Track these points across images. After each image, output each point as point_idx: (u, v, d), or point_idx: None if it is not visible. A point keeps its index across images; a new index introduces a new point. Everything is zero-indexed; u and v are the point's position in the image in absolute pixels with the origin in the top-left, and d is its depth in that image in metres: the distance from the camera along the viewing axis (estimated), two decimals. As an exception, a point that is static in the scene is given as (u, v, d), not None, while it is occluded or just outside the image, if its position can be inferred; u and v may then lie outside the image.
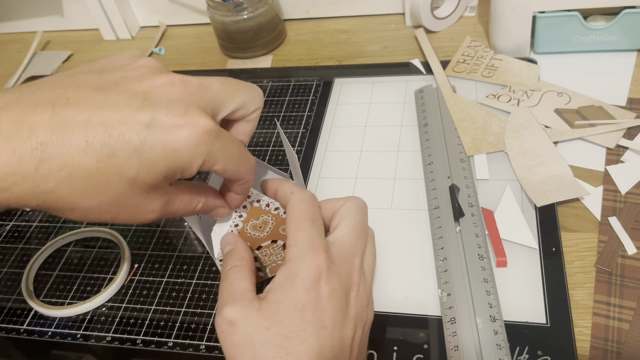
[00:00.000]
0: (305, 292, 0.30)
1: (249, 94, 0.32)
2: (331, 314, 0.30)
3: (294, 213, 0.33)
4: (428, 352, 0.37)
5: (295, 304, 0.29)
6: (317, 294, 0.30)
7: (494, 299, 0.38)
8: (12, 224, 0.52)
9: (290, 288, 0.30)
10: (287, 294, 0.30)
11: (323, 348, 0.29)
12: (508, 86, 0.55)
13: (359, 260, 0.34)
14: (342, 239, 0.34)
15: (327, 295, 0.30)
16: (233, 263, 0.34)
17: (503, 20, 0.55)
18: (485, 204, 0.45)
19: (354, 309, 0.32)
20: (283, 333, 0.29)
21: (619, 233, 0.41)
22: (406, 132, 0.53)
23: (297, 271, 0.30)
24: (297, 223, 0.33)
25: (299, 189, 0.35)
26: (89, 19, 0.76)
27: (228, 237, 0.36)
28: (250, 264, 0.34)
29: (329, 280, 0.30)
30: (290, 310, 0.29)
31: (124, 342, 0.41)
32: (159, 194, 0.29)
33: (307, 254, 0.31)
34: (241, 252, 0.35)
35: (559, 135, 0.48)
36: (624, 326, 0.36)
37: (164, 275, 0.45)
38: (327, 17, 0.72)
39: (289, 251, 0.32)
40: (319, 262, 0.31)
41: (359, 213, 0.36)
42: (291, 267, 0.31)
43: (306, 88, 0.60)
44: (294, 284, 0.30)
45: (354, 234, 0.34)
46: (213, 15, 0.65)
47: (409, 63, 0.61)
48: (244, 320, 0.29)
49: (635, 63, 0.54)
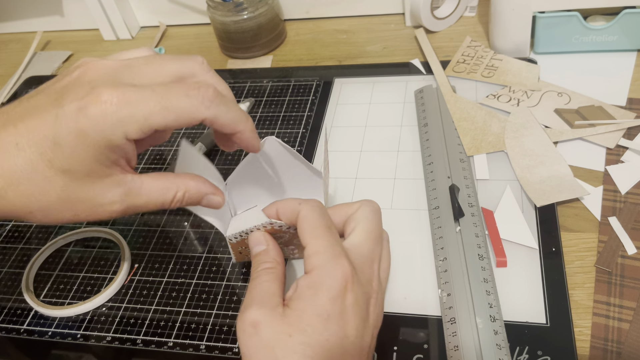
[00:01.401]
0: (330, 302, 0.29)
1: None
2: (354, 323, 0.30)
3: (308, 222, 0.32)
4: (428, 352, 0.37)
5: (320, 312, 0.29)
6: (342, 302, 0.29)
7: (493, 299, 0.38)
8: (12, 224, 0.52)
9: (314, 297, 0.29)
10: (311, 302, 0.29)
11: (344, 357, 0.29)
12: (508, 86, 0.55)
13: (377, 266, 0.33)
14: (360, 245, 0.33)
15: (352, 305, 0.30)
16: (265, 265, 0.33)
17: (503, 20, 0.55)
18: (485, 204, 0.45)
19: (372, 317, 0.31)
20: (306, 341, 0.28)
21: (619, 233, 0.41)
22: (406, 132, 0.53)
23: (322, 280, 0.30)
24: (314, 231, 0.32)
25: (304, 201, 0.34)
26: (89, 19, 0.76)
27: (259, 236, 0.35)
28: (282, 268, 0.33)
29: (354, 288, 0.30)
30: (314, 320, 0.29)
31: (124, 342, 0.41)
32: (110, 183, 0.28)
33: (330, 262, 0.30)
34: (274, 255, 0.34)
35: (559, 135, 0.48)
36: (624, 326, 0.36)
37: (164, 275, 0.45)
38: (327, 17, 0.72)
39: (310, 260, 0.31)
40: (344, 270, 0.30)
41: (375, 217, 0.35)
42: (314, 276, 0.30)
43: (306, 88, 0.60)
44: (319, 293, 0.29)
45: (371, 239, 0.34)
46: (213, 15, 0.65)
47: (409, 63, 0.61)
48: (268, 324, 0.29)
49: (635, 63, 0.54)
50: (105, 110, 0.26)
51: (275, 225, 0.34)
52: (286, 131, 0.56)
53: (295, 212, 0.33)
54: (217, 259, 0.45)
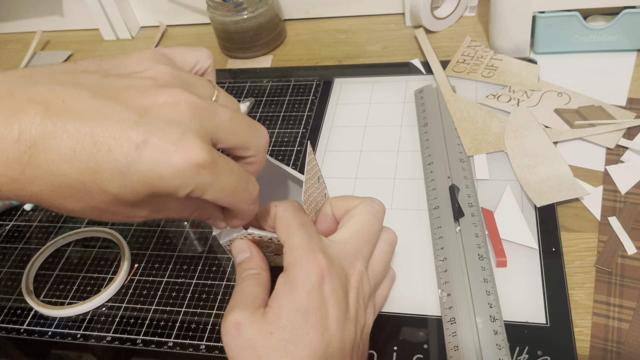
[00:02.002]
0: (306, 296, 0.29)
1: (253, 137, 0.30)
2: (334, 315, 0.30)
3: (282, 222, 0.33)
4: (428, 352, 0.37)
5: (297, 307, 0.29)
6: (319, 295, 0.30)
7: (493, 299, 0.38)
8: (12, 223, 0.52)
9: (291, 292, 0.30)
10: (288, 298, 0.30)
11: (326, 350, 0.29)
12: (508, 86, 0.55)
13: (361, 264, 0.33)
14: (343, 242, 0.33)
15: (329, 296, 0.30)
16: (250, 271, 0.33)
17: (503, 20, 0.55)
18: (485, 204, 0.45)
19: (353, 311, 0.32)
20: (287, 337, 0.29)
21: (619, 233, 0.41)
22: (406, 132, 0.53)
23: (297, 275, 0.30)
24: (288, 230, 0.32)
25: (280, 202, 0.34)
26: (89, 19, 0.76)
27: (241, 244, 0.35)
28: (267, 275, 0.34)
29: (331, 281, 0.30)
30: (292, 315, 0.29)
31: (124, 342, 0.41)
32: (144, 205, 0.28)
33: (305, 258, 0.30)
34: (257, 261, 0.34)
35: (559, 135, 0.48)
36: (623, 326, 0.36)
37: (164, 275, 0.45)
38: (327, 17, 0.72)
39: (286, 258, 0.31)
40: (318, 263, 0.30)
41: (369, 218, 0.35)
42: (290, 272, 0.30)
43: (306, 88, 0.60)
44: (295, 289, 0.30)
45: (358, 238, 0.34)
46: (213, 15, 0.65)
47: (409, 63, 0.61)
48: (249, 324, 0.29)
49: (635, 63, 0.54)
50: (189, 169, 0.25)
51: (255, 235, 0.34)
52: (286, 131, 0.55)
53: (273, 215, 0.34)
54: (217, 259, 0.45)
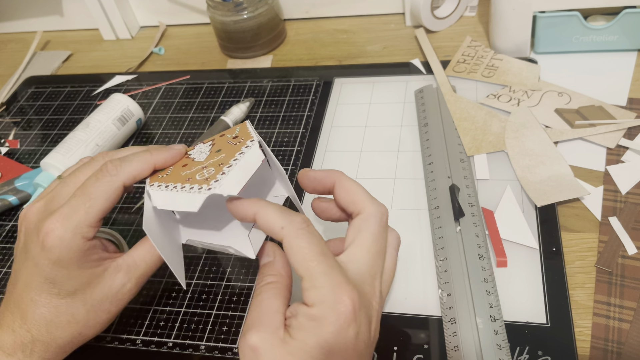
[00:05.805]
0: (334, 336, 0.28)
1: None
2: (357, 353, 0.29)
3: (299, 256, 0.30)
4: (428, 352, 0.37)
5: (323, 345, 0.28)
6: (346, 334, 0.28)
7: (494, 299, 0.38)
8: (12, 224, 0.52)
9: (319, 329, 0.28)
10: (314, 334, 0.28)
11: None
12: (508, 86, 0.55)
13: (378, 282, 0.32)
14: (357, 260, 0.32)
15: (355, 337, 0.29)
16: (268, 279, 0.32)
17: (503, 20, 0.55)
18: (486, 204, 0.45)
19: (373, 335, 0.31)
20: None
21: (619, 233, 0.41)
22: (406, 132, 0.53)
23: (324, 315, 0.28)
24: (306, 264, 0.29)
25: (287, 221, 0.30)
26: (89, 19, 0.76)
27: (267, 248, 0.34)
28: (286, 281, 0.32)
29: (358, 317, 0.29)
30: (316, 352, 0.28)
31: (124, 342, 0.41)
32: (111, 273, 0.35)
33: (331, 298, 0.28)
34: (279, 268, 0.33)
35: (559, 135, 0.48)
36: (624, 326, 0.36)
37: (163, 275, 0.45)
38: (327, 17, 0.72)
39: (309, 294, 0.29)
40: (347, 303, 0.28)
41: (379, 231, 0.33)
42: (317, 310, 0.29)
43: (306, 88, 0.60)
44: (323, 326, 0.28)
45: (372, 255, 0.32)
46: (213, 15, 0.65)
47: (409, 63, 0.61)
48: (268, 349, 0.28)
49: (635, 63, 0.54)
50: (56, 232, 0.32)
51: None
52: (286, 131, 0.55)
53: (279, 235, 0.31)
54: (217, 259, 0.45)
